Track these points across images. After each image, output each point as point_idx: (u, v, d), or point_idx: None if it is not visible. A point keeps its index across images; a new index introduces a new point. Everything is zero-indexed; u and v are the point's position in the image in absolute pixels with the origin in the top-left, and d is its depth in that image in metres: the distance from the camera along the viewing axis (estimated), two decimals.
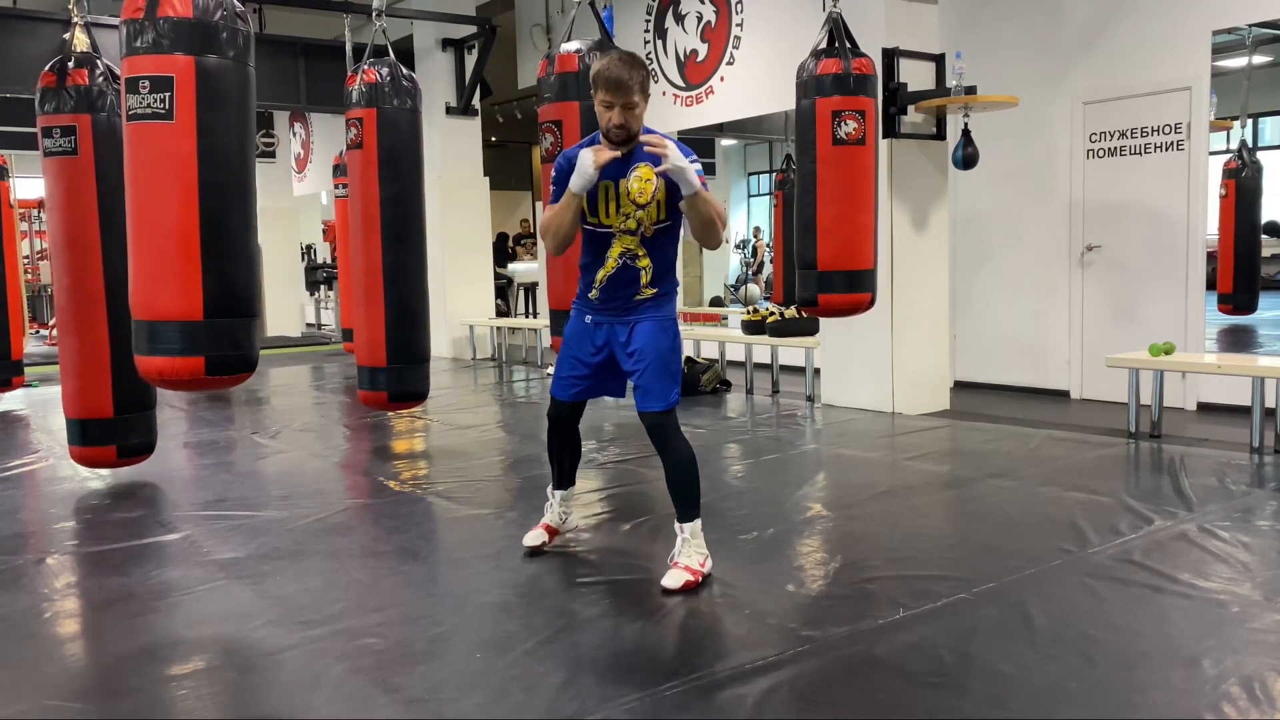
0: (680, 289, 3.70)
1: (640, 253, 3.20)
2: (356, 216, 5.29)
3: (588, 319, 3.32)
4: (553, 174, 3.22)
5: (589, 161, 3.04)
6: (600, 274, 3.23)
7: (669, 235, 3.24)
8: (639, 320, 3.24)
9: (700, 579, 3.17)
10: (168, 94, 3.48)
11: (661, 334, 3.23)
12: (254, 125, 3.80)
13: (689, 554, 3.20)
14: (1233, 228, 7.17)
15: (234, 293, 3.67)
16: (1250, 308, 7.43)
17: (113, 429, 4.61)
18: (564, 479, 3.60)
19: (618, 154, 3.09)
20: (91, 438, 4.62)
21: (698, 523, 3.24)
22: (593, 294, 3.27)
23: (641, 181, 3.11)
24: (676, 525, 3.25)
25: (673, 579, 3.13)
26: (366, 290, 5.30)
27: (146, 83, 3.49)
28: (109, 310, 4.46)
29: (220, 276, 3.63)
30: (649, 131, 3.12)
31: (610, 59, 3.09)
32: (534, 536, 3.59)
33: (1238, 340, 7.57)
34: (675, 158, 2.98)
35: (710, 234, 3.12)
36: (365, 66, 5.20)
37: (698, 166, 3.06)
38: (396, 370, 5.35)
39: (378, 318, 5.28)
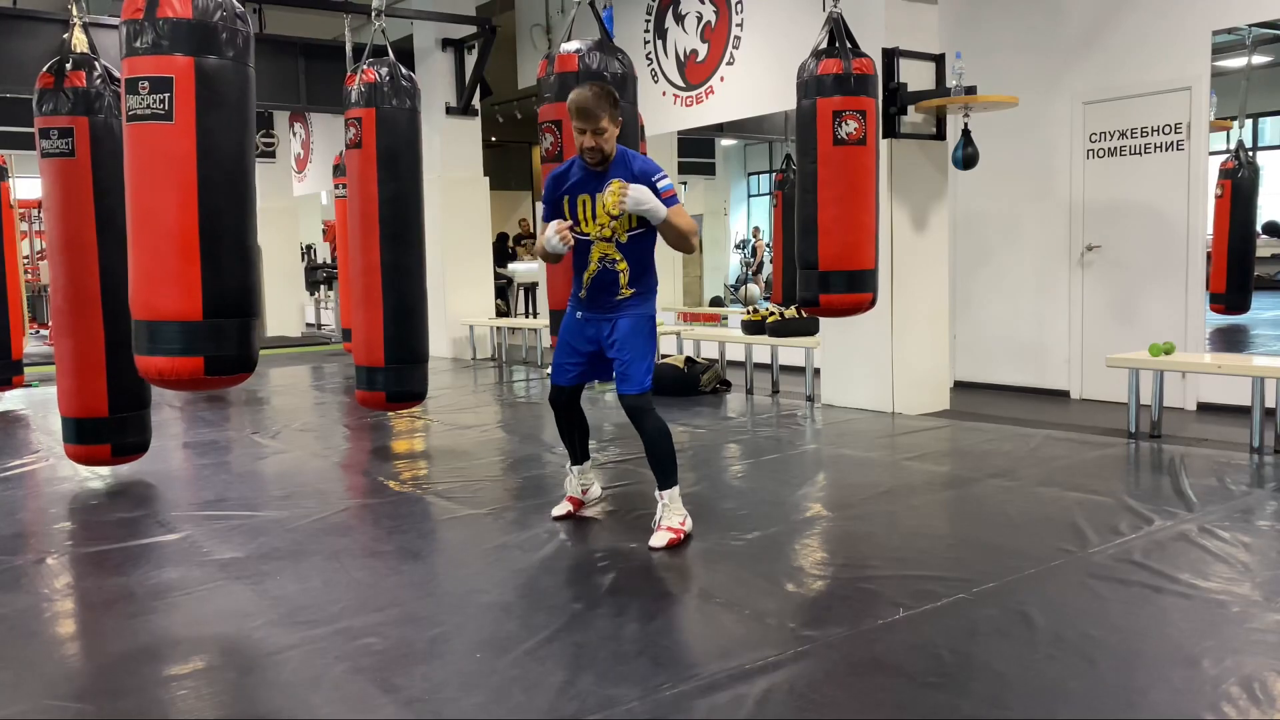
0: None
1: (617, 257, 3.63)
2: (355, 216, 5.29)
3: (579, 315, 3.77)
4: (543, 193, 3.72)
5: (556, 241, 3.53)
6: (585, 275, 3.68)
7: (644, 240, 3.65)
8: (620, 317, 3.67)
9: (682, 536, 3.61)
10: (167, 95, 3.50)
11: (639, 328, 3.67)
12: (254, 126, 3.83)
13: (670, 516, 3.64)
14: (1227, 228, 7.16)
15: (233, 293, 3.71)
16: (1243, 308, 7.42)
17: (108, 428, 4.63)
18: (579, 455, 4.01)
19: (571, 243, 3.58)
20: (86, 436, 4.64)
21: (675, 489, 3.67)
22: (581, 293, 3.73)
23: (615, 195, 3.49)
24: (656, 493, 3.68)
25: (658, 539, 3.57)
26: (365, 290, 5.30)
27: (146, 83, 3.51)
28: (105, 310, 4.48)
29: (219, 277, 3.67)
30: (616, 169, 3.57)
31: (581, 90, 3.53)
32: (560, 508, 4.00)
33: (1231, 340, 7.53)
34: (634, 201, 3.46)
35: (683, 245, 3.64)
36: (364, 66, 5.21)
37: (667, 182, 3.55)
38: (395, 370, 5.35)
39: (376, 318, 5.28)
